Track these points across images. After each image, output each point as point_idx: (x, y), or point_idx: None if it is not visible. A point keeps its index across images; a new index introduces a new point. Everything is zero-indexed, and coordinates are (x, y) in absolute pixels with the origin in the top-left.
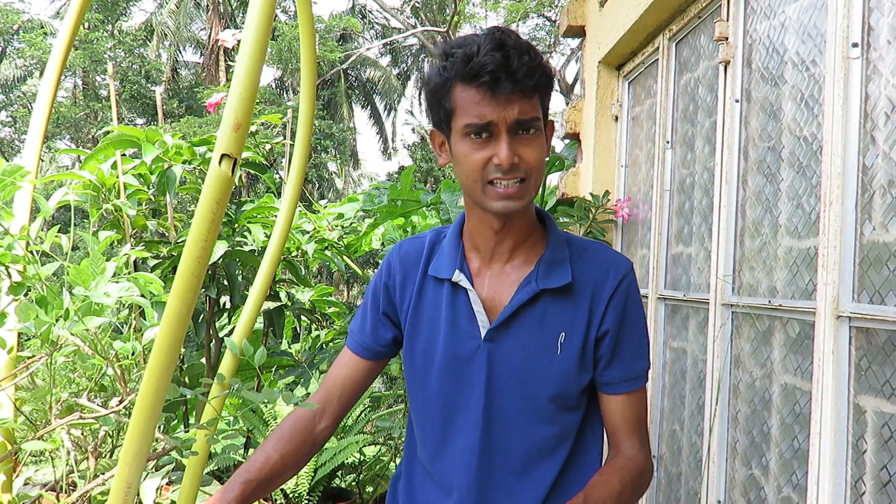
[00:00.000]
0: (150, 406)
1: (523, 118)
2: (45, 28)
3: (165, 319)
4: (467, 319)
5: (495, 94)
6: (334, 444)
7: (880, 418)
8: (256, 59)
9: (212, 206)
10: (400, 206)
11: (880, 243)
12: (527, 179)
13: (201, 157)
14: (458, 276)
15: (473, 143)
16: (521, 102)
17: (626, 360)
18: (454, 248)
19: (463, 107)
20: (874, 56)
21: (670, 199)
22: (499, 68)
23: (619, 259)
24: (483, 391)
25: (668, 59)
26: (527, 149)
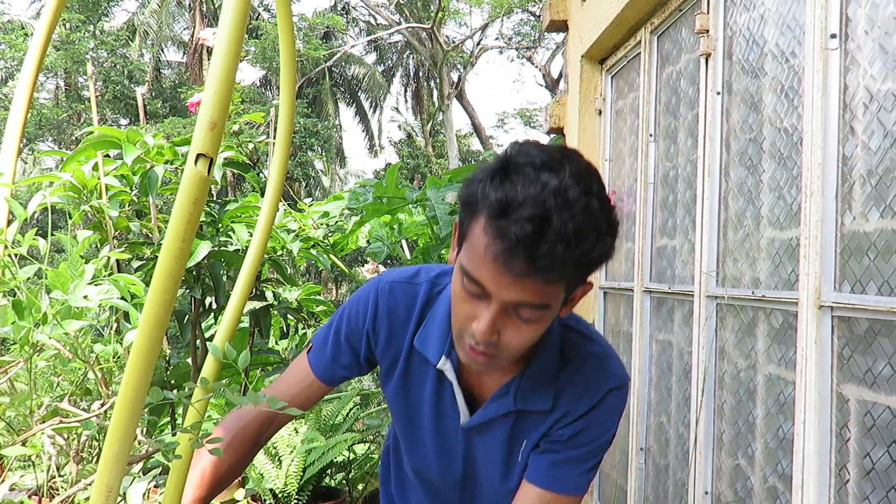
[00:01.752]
0: (130, 409)
1: (528, 302)
2: (25, 29)
3: (143, 322)
4: (450, 404)
5: (505, 269)
6: (323, 443)
7: (863, 406)
8: (231, 56)
9: (188, 206)
10: (386, 204)
11: (860, 233)
12: (500, 356)
13: (184, 157)
14: (445, 363)
15: (464, 292)
16: (533, 288)
17: (561, 459)
18: (443, 331)
19: (472, 247)
20: (852, 47)
21: (654, 192)
22: (519, 244)
23: (609, 379)
24: (461, 466)
25: (649, 52)
26: (515, 331)
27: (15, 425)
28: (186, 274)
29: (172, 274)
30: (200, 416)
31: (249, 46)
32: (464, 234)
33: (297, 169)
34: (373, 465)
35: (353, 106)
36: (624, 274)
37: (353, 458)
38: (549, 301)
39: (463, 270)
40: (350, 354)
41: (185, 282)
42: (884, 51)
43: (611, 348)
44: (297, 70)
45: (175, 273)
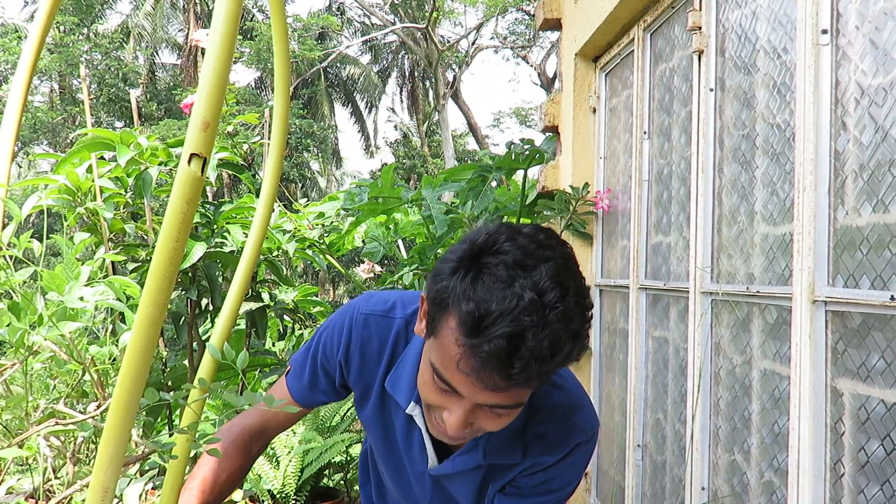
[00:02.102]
0: (125, 410)
1: (502, 404)
2: (19, 32)
3: (138, 323)
4: (419, 451)
5: (477, 382)
6: (320, 444)
7: (857, 400)
8: (224, 57)
9: (182, 207)
10: (381, 204)
11: (853, 227)
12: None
13: (178, 159)
14: (414, 409)
15: (434, 385)
16: (507, 395)
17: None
18: (413, 376)
19: (443, 349)
20: (843, 42)
21: (649, 189)
22: (493, 361)
23: (577, 434)
24: (428, 501)
25: (643, 49)
26: (487, 421)
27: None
28: (182, 275)
29: (167, 274)
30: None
31: (244, 48)
32: (433, 328)
33: (293, 170)
34: None
35: (348, 106)
36: (619, 271)
37: (351, 459)
38: (522, 401)
39: (433, 368)
40: (326, 381)
41: (180, 283)
42: (874, 46)
43: (581, 394)
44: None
45: (169, 273)
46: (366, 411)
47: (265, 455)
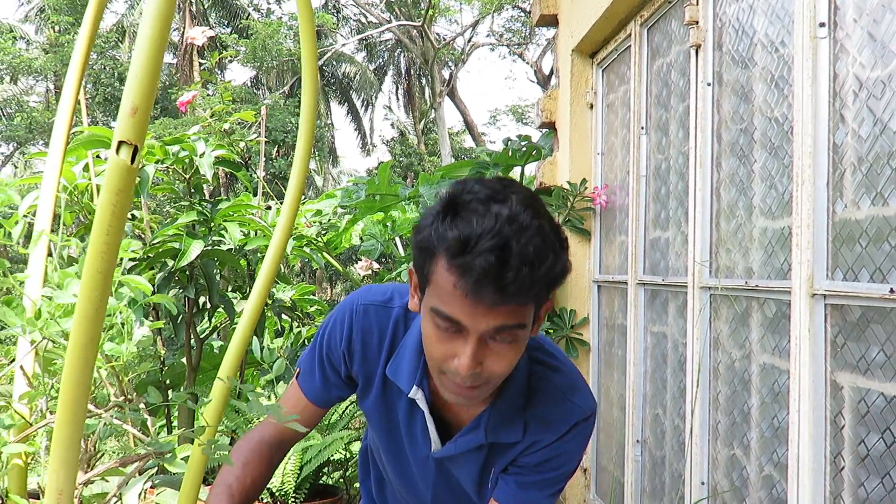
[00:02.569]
0: (72, 411)
1: (504, 325)
2: (14, 32)
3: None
4: (421, 435)
5: (476, 301)
6: (319, 441)
7: (857, 393)
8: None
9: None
10: (379, 201)
11: (852, 220)
12: (486, 385)
13: (174, 156)
14: (417, 393)
15: (438, 331)
16: (507, 312)
17: (527, 483)
18: (414, 361)
19: (438, 288)
20: (841, 35)
21: (646, 184)
22: (486, 276)
23: (575, 413)
24: (431, 490)
25: (640, 45)
26: (496, 357)
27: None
28: (180, 274)
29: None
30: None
31: (240, 46)
32: (425, 278)
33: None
34: None
35: (344, 105)
36: (618, 267)
37: (350, 456)
38: (523, 321)
39: (434, 312)
40: (335, 375)
41: (178, 281)
42: (872, 38)
43: (578, 377)
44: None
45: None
46: (367, 402)
47: None
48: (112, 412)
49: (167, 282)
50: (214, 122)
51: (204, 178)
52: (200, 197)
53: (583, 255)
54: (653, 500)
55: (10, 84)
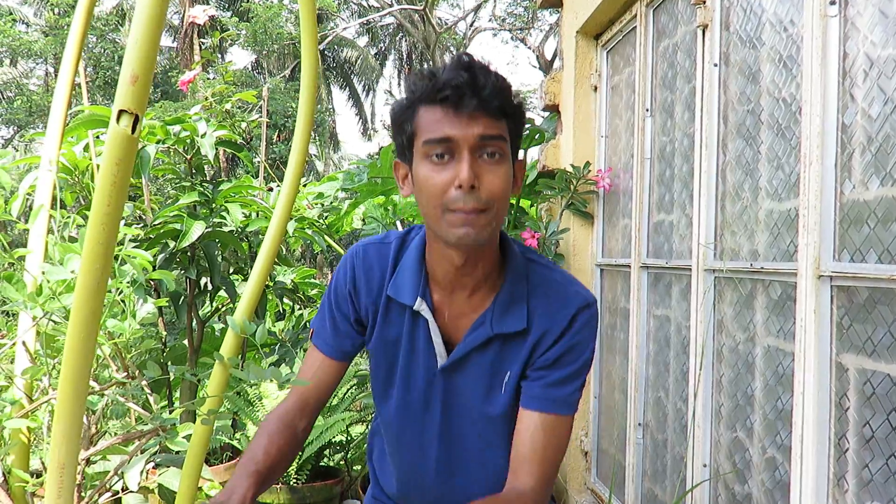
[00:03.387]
0: (74, 385)
1: (487, 134)
2: (13, 15)
3: (77, 294)
4: (426, 348)
5: (458, 112)
6: (321, 423)
7: (862, 375)
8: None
9: (112, 168)
10: (380, 185)
11: (860, 201)
12: (488, 210)
13: (175, 137)
14: (420, 304)
15: (434, 165)
16: (486, 121)
17: (551, 381)
18: (416, 274)
19: (425, 125)
20: (852, 13)
21: (651, 167)
22: (463, 85)
23: (577, 295)
24: (439, 416)
25: (645, 25)
26: (490, 175)
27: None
28: (181, 255)
29: (102, 241)
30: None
31: (240, 30)
32: (410, 138)
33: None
34: None
35: (346, 89)
36: (621, 250)
37: (351, 439)
38: (502, 133)
39: (426, 145)
40: (345, 322)
41: (179, 262)
42: (884, 16)
43: (573, 276)
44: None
45: (104, 240)
46: (372, 339)
47: None
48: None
49: (168, 263)
50: (215, 104)
51: (205, 158)
52: (202, 178)
53: (586, 239)
54: (654, 482)
55: (10, 67)
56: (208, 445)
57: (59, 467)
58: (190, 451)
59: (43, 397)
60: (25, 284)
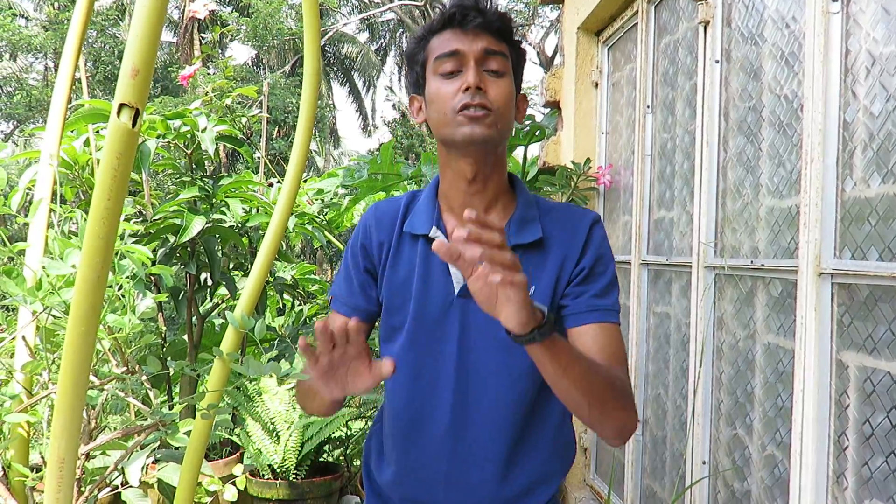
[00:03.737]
0: (73, 380)
1: (491, 49)
2: (13, 9)
3: (77, 289)
4: (441, 275)
5: (464, 29)
6: (320, 419)
7: (862, 373)
8: None
9: (113, 162)
10: (380, 181)
11: (861, 199)
12: (493, 112)
13: (176, 131)
14: (436, 231)
15: (444, 79)
16: (490, 38)
17: (595, 291)
18: (430, 206)
19: (435, 47)
20: (854, 10)
21: (651, 164)
22: (468, 6)
23: (587, 212)
24: (457, 347)
25: (647, 22)
26: (494, 86)
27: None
28: (181, 250)
29: (102, 235)
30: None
31: (241, 25)
32: (423, 66)
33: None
34: None
35: (346, 85)
36: (621, 247)
37: (351, 434)
38: (504, 50)
39: (436, 61)
40: (359, 274)
41: (179, 258)
42: (887, 13)
43: None
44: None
45: (105, 234)
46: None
47: (265, 429)
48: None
49: (168, 258)
50: (215, 99)
51: (206, 153)
52: (202, 173)
53: None
54: (653, 479)
55: (10, 61)
56: (208, 441)
57: (59, 462)
58: (189, 447)
59: (42, 392)
60: (25, 279)
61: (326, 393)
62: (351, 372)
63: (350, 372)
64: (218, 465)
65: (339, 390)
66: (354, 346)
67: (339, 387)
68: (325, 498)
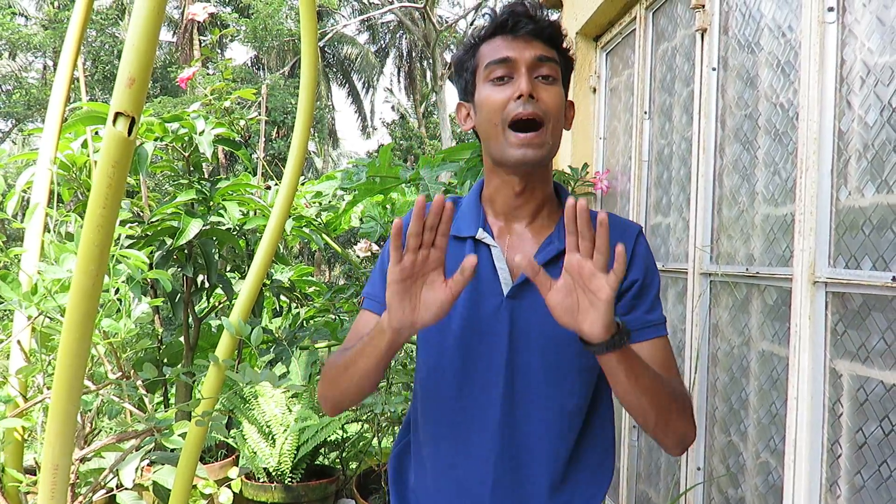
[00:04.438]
0: (68, 387)
1: (543, 55)
2: (12, 8)
3: (72, 295)
4: (490, 277)
5: (516, 37)
6: (316, 422)
7: (856, 381)
8: (155, 6)
9: (108, 170)
10: (379, 183)
11: (856, 208)
12: (544, 126)
13: (174, 134)
14: (482, 234)
15: (495, 86)
16: (541, 45)
17: (647, 306)
18: (475, 209)
19: (486, 53)
20: (849, 20)
21: (648, 169)
22: (520, 13)
23: (630, 224)
24: (506, 348)
25: (645, 28)
26: (545, 92)
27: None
28: (178, 252)
29: (97, 242)
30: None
31: (240, 25)
32: (472, 73)
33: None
34: (366, 444)
35: (345, 87)
36: None
37: (347, 437)
38: (555, 57)
39: (487, 68)
40: None
41: (176, 260)
42: (882, 24)
43: None
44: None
45: (100, 241)
46: None
47: (261, 432)
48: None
49: (165, 260)
50: (214, 101)
51: (203, 156)
52: (200, 175)
53: None
54: (648, 485)
55: (9, 60)
56: (203, 444)
57: (53, 468)
58: (185, 450)
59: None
60: (20, 283)
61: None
62: (427, 287)
63: (426, 287)
64: (213, 468)
65: (410, 310)
66: (437, 250)
67: (410, 306)
68: (321, 501)
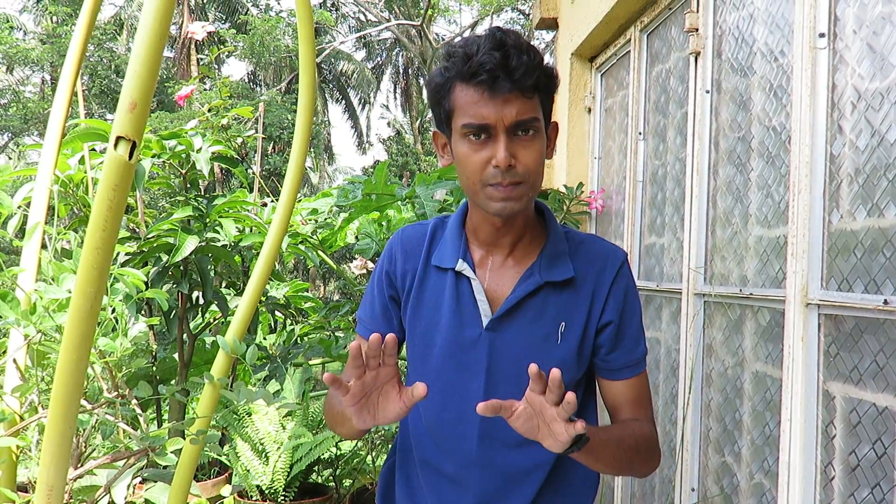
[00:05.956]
0: (64, 408)
1: (521, 119)
2: (10, 22)
3: (70, 317)
4: (469, 308)
5: (493, 94)
6: (310, 439)
7: (849, 404)
8: (157, 33)
9: (108, 194)
10: (375, 201)
11: (848, 231)
12: (524, 183)
13: (171, 151)
14: (462, 265)
15: (472, 144)
16: (520, 103)
17: (627, 347)
18: (457, 238)
19: (462, 106)
20: (840, 46)
21: (643, 190)
22: (497, 67)
23: (615, 250)
24: (483, 379)
25: (639, 50)
26: (525, 151)
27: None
28: (174, 269)
29: (96, 265)
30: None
31: (238, 42)
32: (448, 113)
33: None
34: (360, 461)
35: (341, 103)
36: None
37: (340, 455)
38: (536, 114)
39: (464, 128)
40: (382, 301)
41: (172, 276)
42: (872, 50)
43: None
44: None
45: (98, 264)
46: (408, 314)
47: (254, 450)
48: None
49: (161, 277)
50: (212, 118)
51: (200, 173)
52: (196, 192)
53: None
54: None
55: (6, 74)
56: (197, 462)
57: (48, 490)
58: (179, 468)
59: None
60: (19, 301)
61: (358, 423)
62: (382, 397)
63: (382, 397)
64: (206, 486)
65: (370, 418)
66: (387, 367)
67: (370, 415)
68: None
